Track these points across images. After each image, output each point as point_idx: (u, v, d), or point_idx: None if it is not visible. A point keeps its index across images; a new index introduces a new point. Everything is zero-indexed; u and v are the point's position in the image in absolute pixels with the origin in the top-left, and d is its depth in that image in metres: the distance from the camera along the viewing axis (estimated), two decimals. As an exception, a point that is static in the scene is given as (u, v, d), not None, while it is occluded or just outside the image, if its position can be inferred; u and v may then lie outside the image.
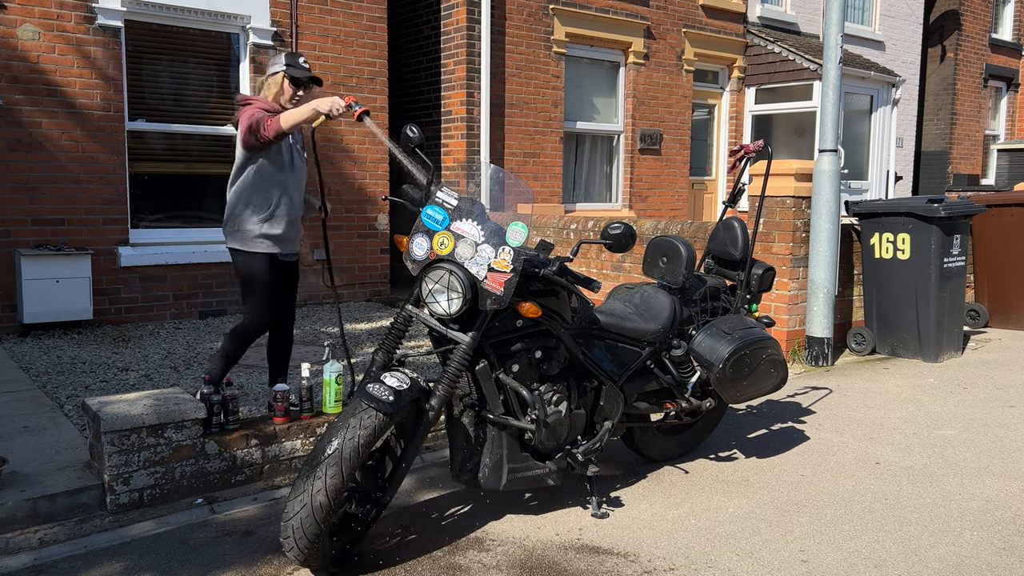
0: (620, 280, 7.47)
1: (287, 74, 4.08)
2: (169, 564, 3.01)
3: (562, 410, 3.29)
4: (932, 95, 15.88)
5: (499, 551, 3.13)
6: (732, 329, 3.78)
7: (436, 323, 3.16)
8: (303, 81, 4.14)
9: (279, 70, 4.11)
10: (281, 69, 4.10)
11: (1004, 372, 6.09)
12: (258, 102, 4.04)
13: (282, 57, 4.14)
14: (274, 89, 4.11)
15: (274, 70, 4.13)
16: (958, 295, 6.58)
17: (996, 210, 7.50)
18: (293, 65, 4.10)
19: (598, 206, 10.65)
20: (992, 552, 3.15)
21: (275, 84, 4.11)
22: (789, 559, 3.09)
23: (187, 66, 7.51)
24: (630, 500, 3.64)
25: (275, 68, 4.13)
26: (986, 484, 3.85)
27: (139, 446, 3.46)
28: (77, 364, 5.64)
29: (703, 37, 11.31)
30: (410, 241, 3.20)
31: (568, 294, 3.39)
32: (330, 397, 3.90)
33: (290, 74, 4.08)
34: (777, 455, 4.25)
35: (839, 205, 6.14)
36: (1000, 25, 17.10)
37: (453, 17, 9.24)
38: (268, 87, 4.14)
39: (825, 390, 5.57)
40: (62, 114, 6.81)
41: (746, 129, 12.15)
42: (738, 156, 4.58)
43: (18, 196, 6.66)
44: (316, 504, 2.70)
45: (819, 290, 6.17)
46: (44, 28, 6.69)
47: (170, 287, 7.36)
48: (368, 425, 2.80)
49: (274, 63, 4.15)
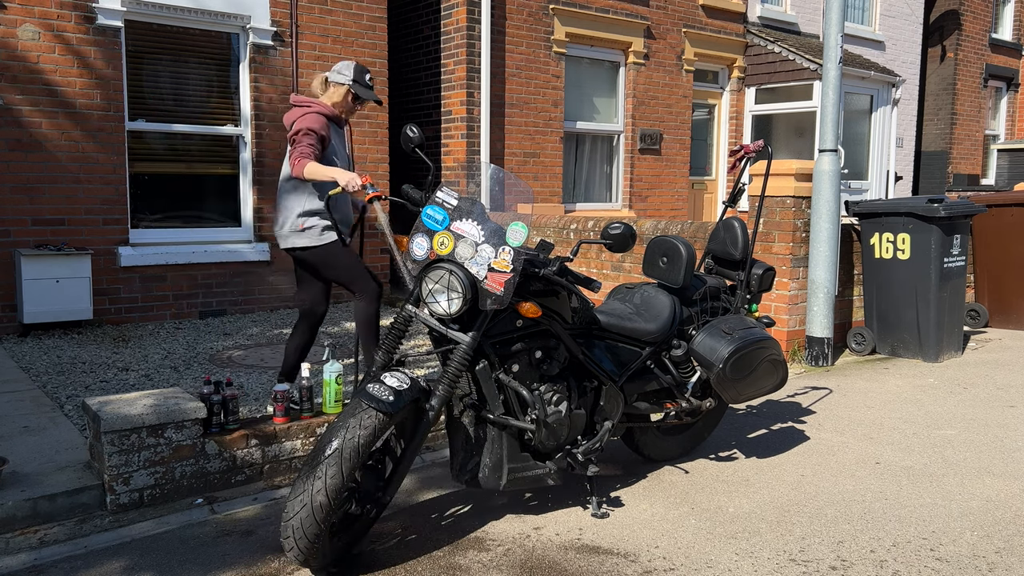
0: (620, 280, 7.47)
1: (352, 90, 4.32)
2: (169, 564, 3.01)
3: (562, 410, 3.29)
4: (932, 95, 15.88)
5: (499, 551, 3.13)
6: (732, 329, 3.78)
7: (436, 323, 3.16)
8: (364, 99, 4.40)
9: (346, 82, 4.31)
10: (348, 82, 4.31)
11: (1004, 372, 6.09)
12: (317, 106, 4.21)
13: (351, 70, 4.32)
14: (336, 98, 4.33)
15: (342, 80, 4.32)
16: (958, 295, 6.58)
17: (996, 210, 7.50)
18: (360, 83, 4.33)
19: (598, 206, 10.66)
20: (992, 552, 3.15)
21: (339, 94, 4.33)
22: (789, 559, 3.09)
23: (187, 66, 7.51)
24: (630, 500, 3.64)
25: (343, 79, 4.32)
26: (986, 484, 3.85)
27: (139, 446, 3.46)
28: (77, 364, 5.64)
29: (703, 37, 11.31)
30: (410, 241, 3.20)
31: (568, 294, 3.39)
32: (330, 397, 3.90)
33: (355, 91, 4.33)
34: (777, 455, 4.25)
35: (839, 205, 6.14)
36: (1000, 25, 17.10)
37: (453, 17, 9.24)
38: (331, 93, 4.34)
39: (825, 390, 5.57)
40: (62, 114, 6.81)
41: (746, 129, 12.15)
42: (738, 156, 4.58)
43: (18, 196, 6.66)
44: (316, 504, 2.70)
45: (819, 290, 6.17)
46: (44, 28, 6.69)
47: (170, 287, 7.36)
48: (368, 425, 2.80)
49: (343, 70, 4.33)
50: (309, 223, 4.18)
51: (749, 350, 3.74)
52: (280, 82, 7.87)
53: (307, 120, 4.12)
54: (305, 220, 4.19)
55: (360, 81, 4.32)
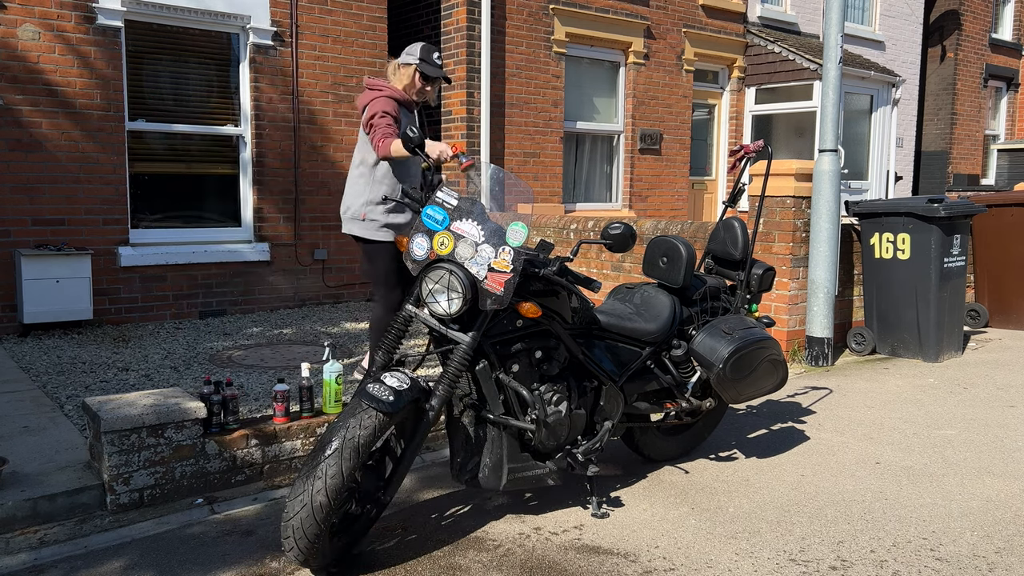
0: (620, 280, 7.47)
1: (419, 69, 4.29)
2: (169, 564, 3.01)
3: (562, 410, 3.29)
4: (932, 95, 15.88)
5: (499, 551, 3.13)
6: (732, 329, 3.78)
7: (436, 323, 3.16)
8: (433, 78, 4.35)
9: (413, 62, 4.30)
10: (415, 62, 4.29)
11: (1004, 372, 6.09)
12: (388, 90, 4.24)
13: (418, 49, 4.32)
14: (405, 81, 4.32)
15: (408, 61, 4.32)
16: (958, 295, 6.58)
17: (996, 210, 7.50)
18: (427, 61, 4.30)
19: (598, 206, 10.65)
20: (992, 552, 3.15)
21: (407, 76, 4.32)
22: (789, 559, 3.09)
23: (187, 66, 7.51)
24: (630, 500, 3.64)
25: (409, 59, 4.31)
26: (986, 484, 3.85)
27: (139, 446, 3.46)
28: (77, 364, 5.64)
29: (703, 37, 11.31)
30: (410, 241, 3.20)
31: (568, 294, 3.39)
32: (330, 397, 3.90)
33: (422, 70, 4.29)
34: (777, 455, 4.25)
35: (839, 205, 6.13)
36: (1000, 25, 17.10)
37: (453, 17, 9.24)
38: (400, 76, 4.35)
39: (825, 390, 5.57)
40: (62, 114, 6.81)
41: (746, 129, 12.15)
42: (738, 156, 4.58)
43: (18, 196, 6.66)
44: (316, 504, 2.70)
45: (819, 290, 6.17)
46: (44, 28, 6.69)
47: (170, 287, 7.36)
48: (368, 425, 2.80)
49: (409, 53, 4.33)
50: (371, 215, 4.25)
51: (749, 350, 3.74)
52: (280, 82, 7.87)
53: (379, 103, 4.18)
54: (367, 210, 4.25)
55: (427, 60, 4.32)
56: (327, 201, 8.27)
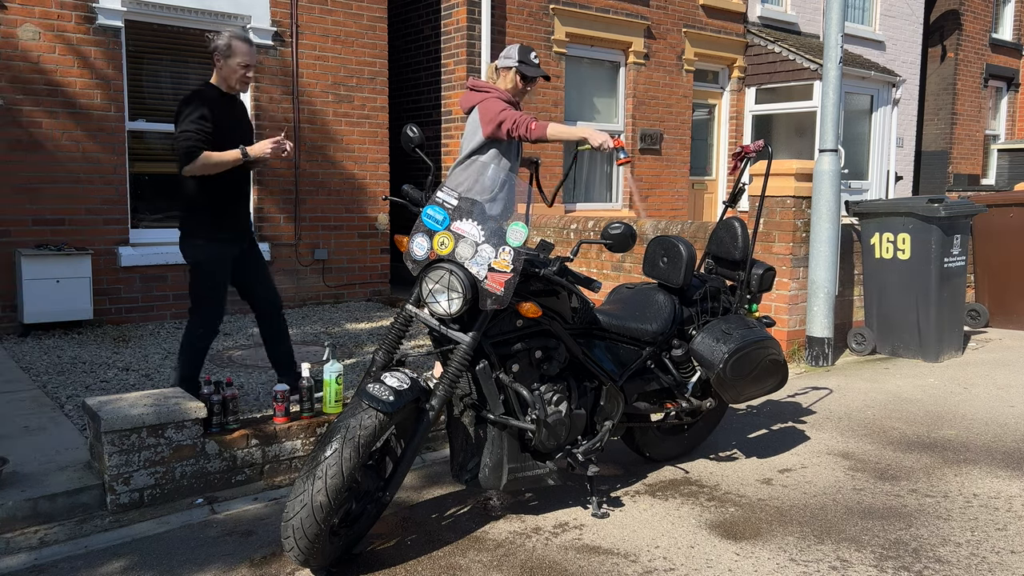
0: (620, 280, 7.47)
1: (519, 71, 4.37)
2: (169, 564, 3.01)
3: (562, 410, 3.29)
4: (932, 95, 15.88)
5: (499, 551, 3.13)
6: (732, 329, 3.78)
7: (436, 323, 3.16)
8: (532, 77, 4.42)
9: (512, 65, 4.38)
10: (514, 64, 4.37)
11: (1005, 372, 6.09)
12: (496, 92, 4.32)
13: (515, 52, 4.38)
14: (508, 84, 4.40)
15: (507, 64, 4.39)
16: (958, 295, 6.58)
17: (996, 210, 7.50)
18: (525, 62, 4.38)
19: (598, 206, 10.66)
20: (992, 552, 3.15)
21: (509, 79, 4.40)
22: (789, 559, 3.09)
23: (187, 66, 7.51)
24: (630, 500, 3.64)
25: (508, 63, 4.39)
26: (987, 484, 3.85)
27: (139, 446, 3.46)
28: (77, 364, 5.65)
29: (703, 37, 11.31)
30: (410, 241, 3.20)
31: (568, 294, 3.39)
32: (330, 397, 3.90)
33: (522, 71, 4.37)
34: (777, 455, 4.25)
35: (839, 205, 6.13)
36: (1000, 25, 17.10)
37: (453, 17, 9.24)
38: (503, 79, 4.42)
39: (825, 390, 5.57)
40: (62, 114, 6.81)
41: (746, 129, 12.15)
42: (739, 157, 4.58)
43: (18, 196, 6.66)
44: (316, 504, 2.70)
45: (819, 290, 6.17)
46: (44, 28, 6.70)
47: (170, 287, 7.36)
48: (368, 425, 2.80)
49: (507, 56, 4.40)
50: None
51: (749, 350, 3.74)
52: (280, 82, 7.87)
53: (494, 103, 4.24)
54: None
55: (525, 60, 4.38)
56: (327, 201, 8.28)
